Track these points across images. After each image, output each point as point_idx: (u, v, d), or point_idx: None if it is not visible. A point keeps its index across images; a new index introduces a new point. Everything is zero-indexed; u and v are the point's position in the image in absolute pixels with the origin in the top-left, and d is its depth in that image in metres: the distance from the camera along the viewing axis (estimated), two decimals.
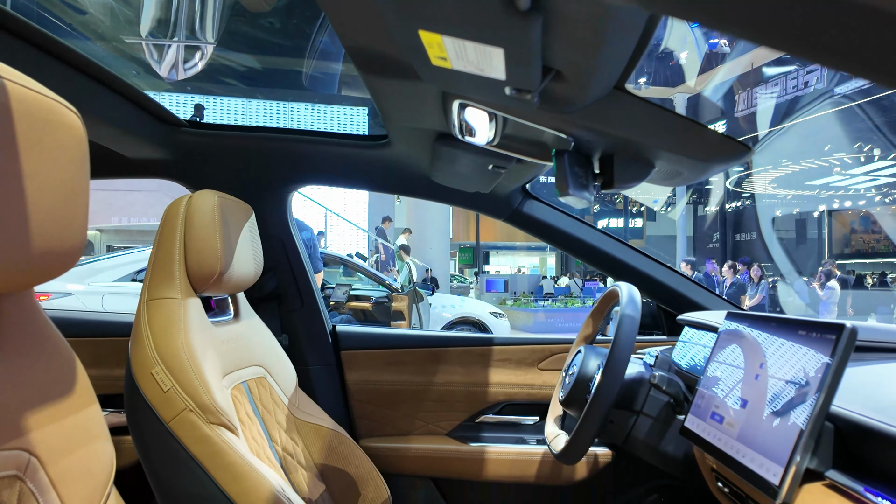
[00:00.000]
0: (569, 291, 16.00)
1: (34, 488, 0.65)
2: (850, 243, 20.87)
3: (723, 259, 16.28)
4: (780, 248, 16.45)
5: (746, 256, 13.61)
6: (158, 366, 1.08)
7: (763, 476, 0.80)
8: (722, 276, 11.65)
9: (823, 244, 20.02)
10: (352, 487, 1.45)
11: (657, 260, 1.78)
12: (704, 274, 11.91)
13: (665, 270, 1.77)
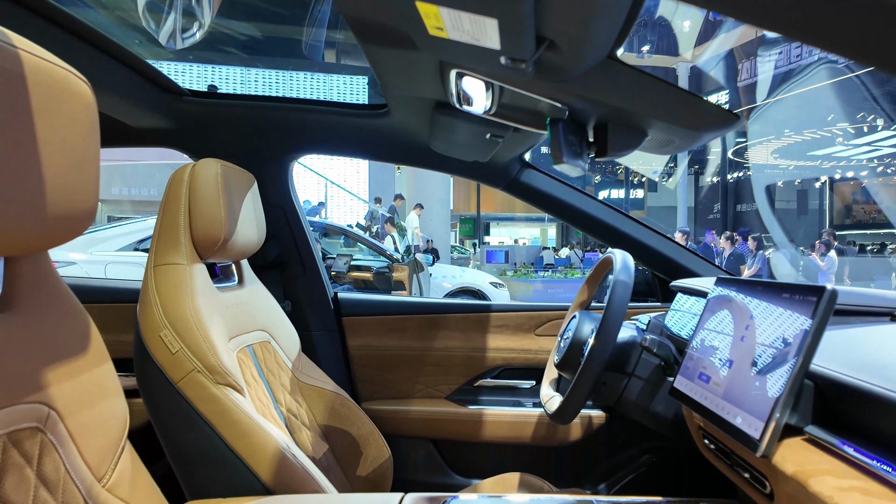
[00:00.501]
0: (569, 262, 16.05)
1: (54, 440, 0.69)
2: (851, 214, 20.86)
3: (723, 230, 16.28)
4: (773, 218, 16.43)
5: (746, 227, 13.63)
6: (167, 329, 1.12)
7: (745, 431, 0.84)
8: (721, 246, 11.69)
9: (825, 215, 20.01)
10: (354, 447, 1.50)
11: (653, 228, 1.80)
12: (703, 245, 11.93)
13: (660, 238, 1.80)
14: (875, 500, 0.64)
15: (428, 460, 1.80)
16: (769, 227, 15.65)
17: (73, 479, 0.71)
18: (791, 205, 20.56)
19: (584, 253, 17.09)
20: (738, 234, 10.84)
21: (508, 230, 27.72)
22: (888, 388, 0.70)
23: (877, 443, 0.73)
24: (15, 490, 0.63)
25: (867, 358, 0.87)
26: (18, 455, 0.65)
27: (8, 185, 0.57)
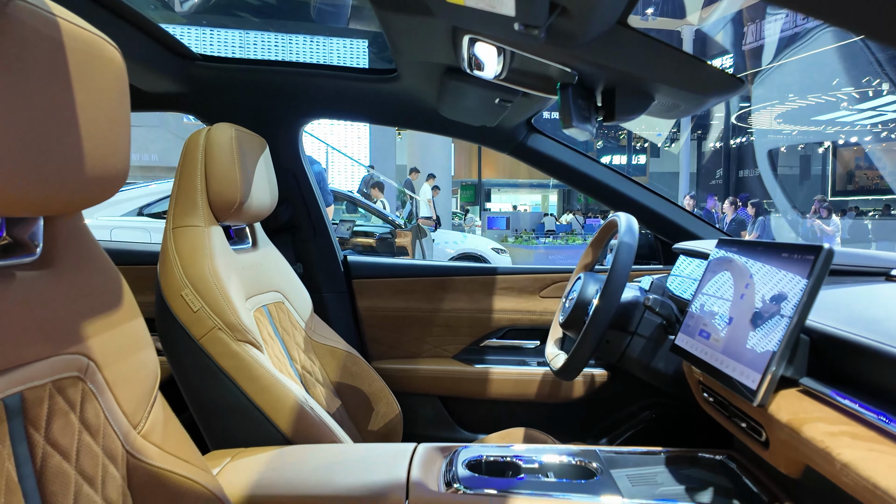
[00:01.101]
0: (570, 229, 16.07)
1: (94, 388, 0.74)
2: (853, 179, 20.78)
3: (725, 195, 16.25)
4: (775, 183, 16.36)
5: (746, 193, 13.61)
6: (188, 288, 1.16)
7: (743, 382, 0.89)
8: (723, 212, 11.71)
9: (827, 180, 19.93)
10: (365, 403, 1.56)
11: (656, 192, 1.83)
12: (705, 210, 11.95)
13: (663, 202, 1.83)
14: (861, 442, 0.69)
15: (436, 416, 1.87)
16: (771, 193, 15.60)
17: (112, 425, 0.76)
18: (794, 170, 20.47)
19: (585, 219, 17.10)
20: (741, 199, 10.86)
21: (510, 197, 27.67)
22: (880, 341, 0.74)
23: (867, 392, 0.77)
24: (61, 433, 0.68)
25: (861, 314, 0.91)
26: (63, 401, 0.69)
27: (49, 147, 0.60)
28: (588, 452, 1.14)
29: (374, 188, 8.08)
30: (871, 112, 16.13)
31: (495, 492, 0.98)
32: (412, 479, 0.99)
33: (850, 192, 19.93)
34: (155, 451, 0.80)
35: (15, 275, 0.66)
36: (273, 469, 1.03)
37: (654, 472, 1.10)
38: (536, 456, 1.13)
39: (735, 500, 1.00)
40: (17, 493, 0.61)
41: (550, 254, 13.10)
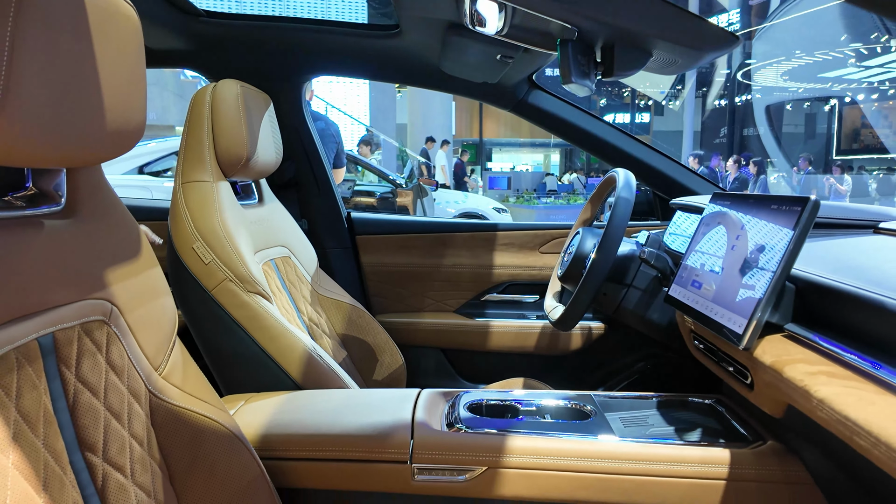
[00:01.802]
0: (572, 188, 16.02)
1: (117, 332, 0.79)
2: (858, 138, 20.60)
3: (729, 154, 16.15)
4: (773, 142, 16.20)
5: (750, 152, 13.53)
6: (198, 241, 1.20)
7: (730, 328, 0.93)
8: (727, 170, 11.67)
9: (832, 139, 19.74)
10: (370, 354, 1.61)
11: (656, 149, 1.86)
12: (709, 169, 11.90)
13: (662, 159, 1.85)
14: (837, 380, 0.74)
15: (438, 367, 1.93)
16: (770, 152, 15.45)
17: (135, 367, 0.81)
18: (799, 128, 20.27)
19: (587, 179, 17.03)
20: (744, 158, 10.84)
21: (511, 156, 27.49)
22: (860, 288, 0.78)
23: (847, 336, 0.82)
24: (90, 372, 0.73)
25: (847, 263, 0.95)
26: (90, 343, 0.74)
27: (73, 101, 0.64)
28: (583, 397, 1.20)
29: (361, 145, 7.99)
30: (879, 69, 15.90)
31: (495, 431, 1.04)
32: (417, 420, 1.05)
33: (856, 151, 19.77)
34: (175, 392, 0.86)
35: (43, 224, 0.70)
36: (285, 411, 1.09)
37: (645, 415, 1.15)
38: (534, 400, 1.19)
39: (722, 439, 1.05)
40: (53, 424, 0.67)
41: (551, 213, 13.11)
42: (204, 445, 0.85)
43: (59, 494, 0.63)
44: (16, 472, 0.58)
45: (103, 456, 0.72)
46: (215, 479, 0.85)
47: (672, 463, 0.98)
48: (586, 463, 0.98)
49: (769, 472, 0.97)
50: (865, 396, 0.68)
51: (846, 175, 11.22)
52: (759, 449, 1.00)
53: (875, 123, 18.74)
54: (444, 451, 1.00)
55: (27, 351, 0.64)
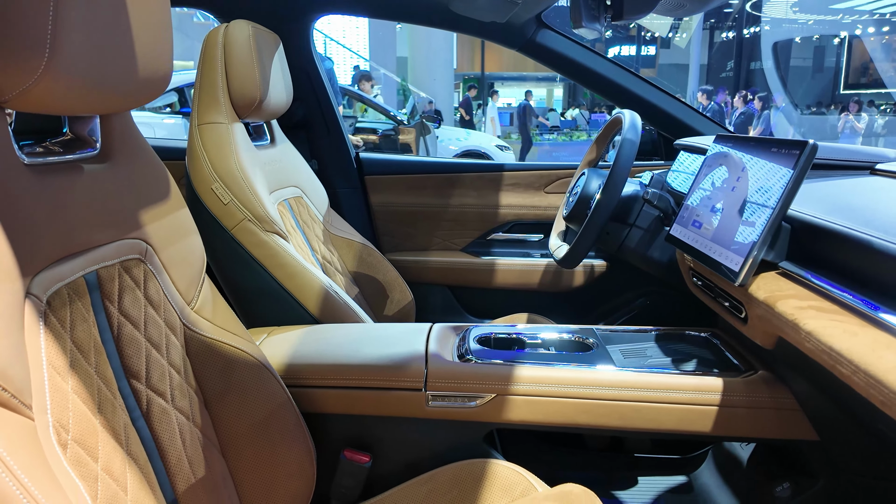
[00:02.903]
0: (575, 124, 15.84)
1: (153, 269, 0.84)
2: (867, 72, 20.16)
3: (736, 88, 15.85)
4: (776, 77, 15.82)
5: (756, 87, 13.30)
6: (217, 182, 1.25)
7: (727, 265, 0.99)
8: (734, 106, 11.51)
9: (840, 73, 19.33)
10: (381, 291, 1.68)
11: (662, 89, 1.87)
12: (716, 103, 11.71)
13: (668, 99, 1.86)
14: (825, 314, 0.80)
15: (445, 304, 2.01)
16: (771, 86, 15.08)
17: (170, 301, 0.87)
18: (807, 62, 19.83)
19: (590, 114, 16.80)
20: (751, 93, 10.69)
21: (513, 91, 26.99)
22: (852, 228, 0.83)
23: (838, 273, 0.87)
24: (131, 306, 0.79)
25: (841, 204, 0.99)
26: (130, 280, 0.80)
27: (109, 52, 0.67)
28: (585, 330, 1.27)
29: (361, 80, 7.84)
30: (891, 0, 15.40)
31: (502, 362, 1.11)
32: (430, 352, 1.12)
33: (863, 86, 19.37)
34: (207, 325, 0.92)
35: (83, 168, 0.74)
36: (306, 342, 1.16)
37: (644, 347, 1.22)
38: (539, 333, 1.26)
39: (715, 369, 1.12)
40: (102, 354, 0.73)
41: (554, 150, 13.03)
42: (235, 374, 0.92)
43: (112, 416, 0.70)
44: (75, 396, 0.65)
45: (146, 383, 0.78)
46: (246, 404, 0.92)
47: (667, 390, 1.05)
48: (587, 390, 1.06)
49: (758, 399, 1.05)
50: (849, 329, 0.74)
51: (863, 113, 11.07)
52: (750, 378, 1.07)
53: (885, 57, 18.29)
54: (456, 380, 1.07)
55: (76, 287, 0.70)
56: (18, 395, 0.54)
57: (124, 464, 0.69)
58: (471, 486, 0.98)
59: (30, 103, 0.61)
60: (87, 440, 0.64)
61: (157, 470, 0.76)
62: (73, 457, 0.61)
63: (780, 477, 1.13)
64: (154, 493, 0.73)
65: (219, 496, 0.85)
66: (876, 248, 0.75)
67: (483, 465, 1.01)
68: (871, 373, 0.66)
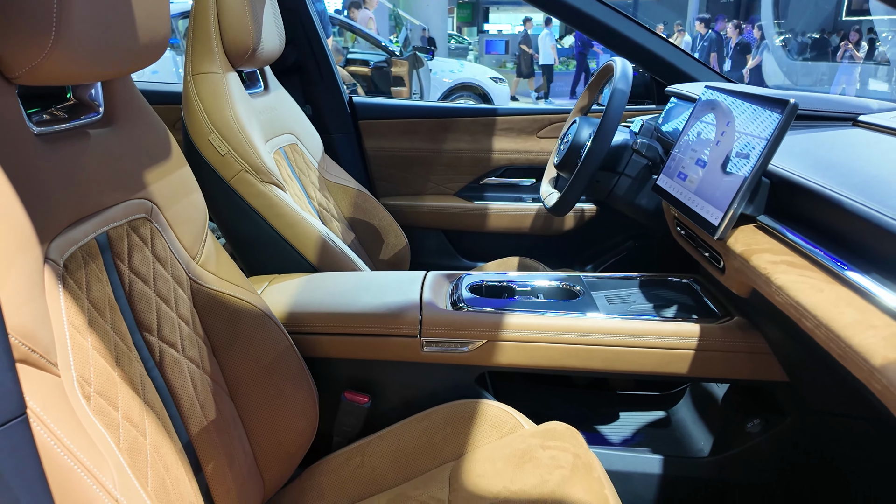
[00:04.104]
0: (571, 53, 15.47)
1: (159, 227, 0.88)
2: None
3: (736, 16, 15.45)
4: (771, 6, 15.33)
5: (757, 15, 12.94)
6: (214, 133, 1.27)
7: (708, 219, 1.03)
8: (728, 35, 11.28)
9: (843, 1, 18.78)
10: (376, 236, 1.72)
11: (655, 33, 1.86)
12: (714, 32, 11.45)
13: (661, 42, 1.86)
14: (795, 269, 0.84)
15: (439, 247, 2.06)
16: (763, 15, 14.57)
17: (176, 257, 0.91)
18: None
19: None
20: (749, 23, 10.44)
21: (509, 16, 26.18)
22: (828, 188, 0.87)
23: (812, 229, 0.91)
24: (140, 263, 0.83)
25: (820, 159, 1.02)
26: (138, 238, 0.84)
27: (112, 21, 0.68)
28: (573, 278, 1.32)
29: (351, 8, 7.56)
30: None
31: (492, 310, 1.17)
32: (424, 300, 1.18)
33: (866, 13, 18.87)
34: (212, 278, 0.97)
35: (88, 133, 0.77)
36: (306, 291, 1.22)
37: (628, 293, 1.28)
38: (528, 281, 1.31)
39: (694, 314, 1.19)
40: (116, 311, 0.78)
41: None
42: (240, 323, 0.97)
43: (129, 368, 0.76)
44: (94, 352, 0.70)
45: (158, 335, 0.84)
46: (251, 351, 0.98)
47: (648, 336, 1.11)
48: (573, 336, 1.12)
49: (733, 344, 1.11)
50: (816, 284, 0.79)
51: (863, 41, 10.87)
52: (726, 324, 1.13)
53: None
54: (449, 327, 1.13)
55: (89, 249, 0.74)
56: (46, 354, 0.59)
57: (142, 411, 0.75)
58: (463, 424, 1.06)
59: (39, 77, 0.63)
60: (108, 391, 0.70)
61: (171, 415, 0.82)
62: (97, 407, 0.67)
63: (752, 414, 1.21)
64: (170, 436, 0.80)
65: (229, 436, 0.92)
66: (846, 208, 0.80)
67: (475, 405, 1.08)
68: (832, 328, 0.71)
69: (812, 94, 1.26)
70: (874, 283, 0.71)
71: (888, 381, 0.60)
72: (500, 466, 0.94)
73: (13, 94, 0.64)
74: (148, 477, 0.70)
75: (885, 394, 0.61)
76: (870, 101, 1.27)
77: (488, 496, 0.89)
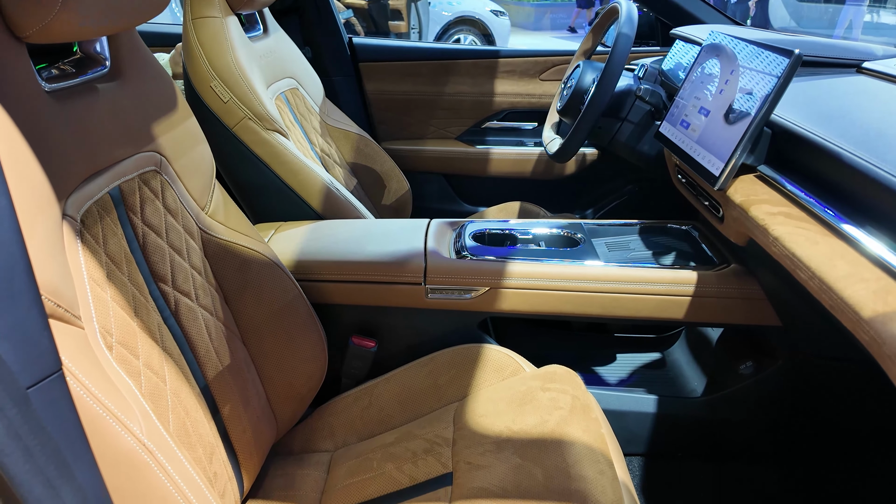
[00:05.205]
0: None
1: (168, 179, 0.90)
2: None
3: None
4: None
5: None
6: (216, 80, 1.26)
7: (709, 169, 1.04)
8: None
9: None
10: (378, 181, 1.73)
11: None
12: None
13: None
14: (793, 221, 0.86)
15: (441, 192, 2.07)
16: None
17: (186, 208, 0.93)
18: None
19: None
20: None
21: None
22: (828, 140, 0.87)
23: (811, 181, 0.92)
24: (152, 216, 0.85)
25: (821, 109, 1.02)
26: (149, 191, 0.85)
27: None
28: (573, 225, 1.34)
29: None
30: None
31: (495, 258, 1.19)
32: (429, 248, 1.20)
33: None
34: (221, 228, 0.99)
35: (97, 87, 0.77)
36: (312, 239, 1.24)
37: (628, 240, 1.31)
38: (530, 229, 1.33)
39: (692, 262, 1.21)
40: (132, 263, 0.80)
41: (552, 11, 12.43)
42: (250, 272, 1.00)
43: (147, 318, 0.79)
44: (114, 303, 0.72)
45: (173, 285, 0.86)
46: (262, 298, 1.01)
47: (646, 283, 1.14)
48: (573, 284, 1.15)
49: (729, 290, 1.14)
50: (812, 237, 0.81)
51: None
52: (723, 271, 1.16)
53: None
54: (453, 275, 1.16)
55: (103, 203, 0.76)
56: (70, 308, 0.62)
57: (161, 358, 0.79)
58: (466, 368, 1.10)
59: (49, 35, 0.63)
60: (129, 341, 0.73)
61: (188, 361, 0.86)
62: (119, 357, 0.70)
63: (745, 356, 1.25)
64: (188, 381, 0.83)
65: (243, 380, 0.96)
66: (845, 161, 0.81)
67: (477, 349, 1.12)
68: (824, 280, 0.74)
69: (816, 40, 1.25)
70: (868, 237, 0.73)
71: (875, 332, 0.63)
72: (501, 407, 0.99)
73: (24, 53, 0.64)
74: (170, 420, 0.74)
75: (872, 344, 0.64)
76: (874, 47, 1.26)
77: (491, 435, 0.94)
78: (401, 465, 0.93)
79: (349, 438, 1.06)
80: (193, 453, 0.77)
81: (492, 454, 0.90)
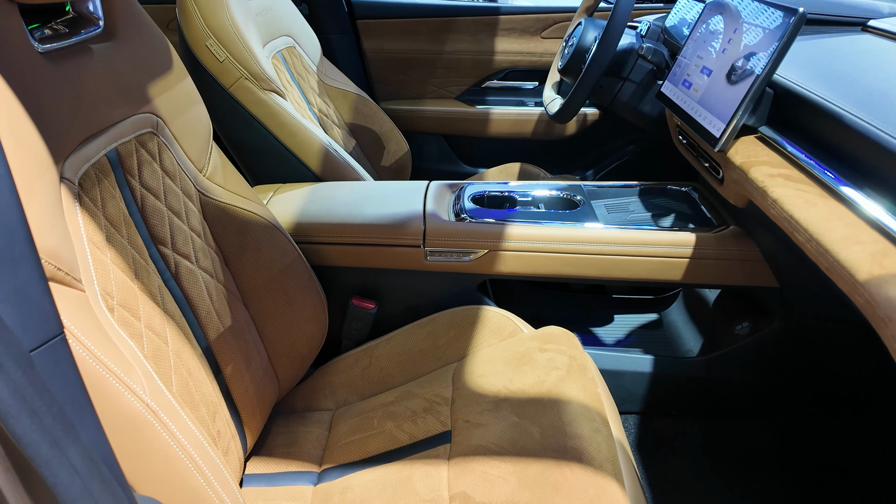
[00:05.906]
0: None
1: (165, 141, 0.89)
2: None
3: None
4: None
5: None
6: (211, 39, 1.24)
7: (710, 130, 1.03)
8: None
9: None
10: (377, 142, 1.72)
11: None
12: None
13: None
14: (792, 183, 0.86)
15: (440, 153, 2.05)
16: None
17: (184, 170, 0.92)
18: None
19: None
20: None
21: None
22: (829, 101, 0.86)
23: (811, 142, 0.92)
24: (150, 178, 0.85)
25: (826, 69, 1.01)
26: (146, 153, 0.85)
27: None
28: (573, 187, 1.34)
29: None
30: None
31: (494, 221, 1.19)
32: (428, 211, 1.20)
33: None
34: (219, 190, 0.98)
35: (91, 48, 0.76)
36: (311, 201, 1.24)
37: (627, 202, 1.30)
38: (529, 191, 1.33)
39: (691, 223, 1.21)
40: (131, 226, 0.80)
41: None
42: (249, 234, 1.00)
43: (147, 280, 0.79)
44: (114, 266, 0.73)
45: (172, 247, 0.87)
46: (261, 260, 1.01)
47: (644, 245, 1.15)
48: (572, 246, 1.15)
49: (727, 251, 1.15)
50: (810, 199, 0.81)
51: None
52: (721, 233, 1.16)
53: None
54: (452, 238, 1.16)
55: (101, 166, 0.75)
56: (71, 271, 0.62)
57: (163, 320, 0.79)
58: (465, 329, 1.11)
59: None
60: (130, 303, 0.73)
61: (190, 322, 0.87)
62: (120, 318, 0.71)
63: (741, 317, 1.27)
64: (190, 342, 0.84)
65: (245, 340, 0.97)
66: (846, 122, 0.80)
67: (476, 310, 1.13)
68: (822, 242, 0.74)
69: None
70: (866, 199, 0.73)
71: (870, 295, 0.63)
72: (500, 367, 1.00)
73: (16, 13, 0.63)
74: (172, 381, 0.76)
75: (867, 307, 0.64)
76: (880, 4, 1.24)
77: (489, 394, 0.96)
78: (401, 424, 0.95)
79: (350, 397, 1.07)
80: (196, 412, 0.78)
81: (490, 413, 0.91)
